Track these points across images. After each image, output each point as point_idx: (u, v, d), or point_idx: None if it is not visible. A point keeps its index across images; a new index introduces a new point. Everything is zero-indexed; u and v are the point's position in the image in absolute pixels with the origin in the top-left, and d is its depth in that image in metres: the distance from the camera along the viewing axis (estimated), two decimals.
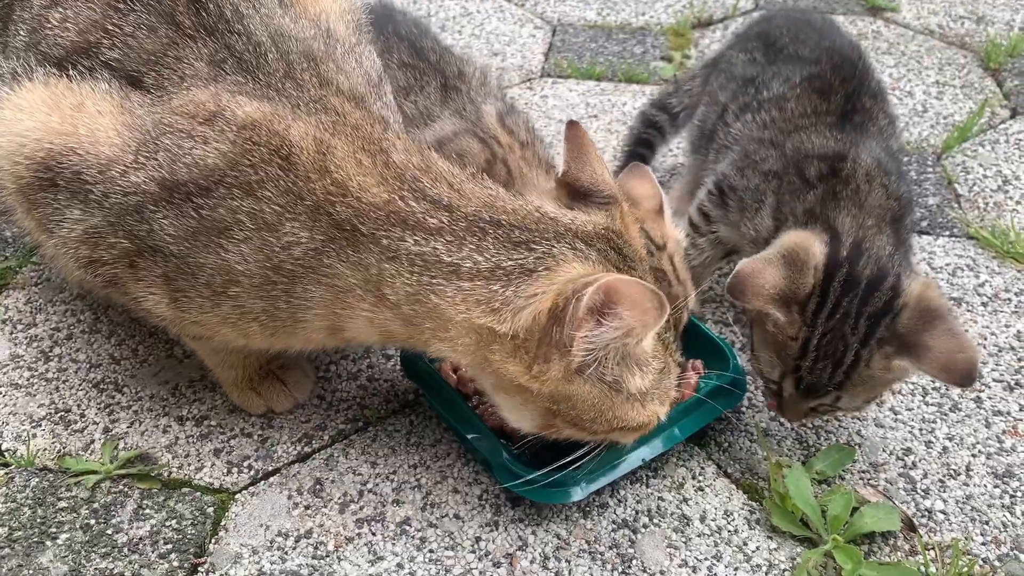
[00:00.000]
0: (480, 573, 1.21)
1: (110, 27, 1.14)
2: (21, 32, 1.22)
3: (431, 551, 1.24)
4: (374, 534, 1.26)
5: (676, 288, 1.35)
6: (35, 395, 1.46)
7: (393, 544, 1.25)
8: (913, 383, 1.47)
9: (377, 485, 1.33)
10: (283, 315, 1.14)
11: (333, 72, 1.18)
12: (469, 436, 1.30)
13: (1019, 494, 1.31)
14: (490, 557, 1.23)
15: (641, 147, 1.88)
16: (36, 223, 1.19)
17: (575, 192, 1.16)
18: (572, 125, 1.20)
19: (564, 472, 1.20)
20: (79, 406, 1.44)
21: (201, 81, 1.11)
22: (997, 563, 1.22)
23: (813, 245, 1.25)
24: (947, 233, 1.79)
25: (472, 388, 1.38)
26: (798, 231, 1.30)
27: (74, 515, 1.28)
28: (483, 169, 1.23)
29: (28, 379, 1.49)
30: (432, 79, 1.59)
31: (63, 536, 1.25)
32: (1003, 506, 1.29)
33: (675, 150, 2.04)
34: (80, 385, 1.48)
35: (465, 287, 1.04)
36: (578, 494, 1.25)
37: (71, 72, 1.14)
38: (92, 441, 1.39)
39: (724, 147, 1.57)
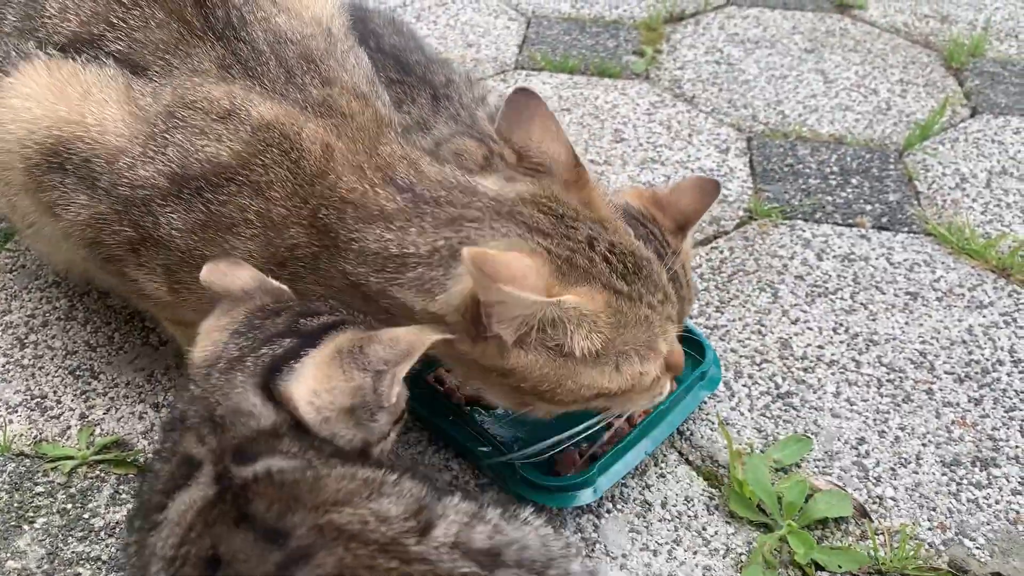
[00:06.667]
0: None
1: (114, 20, 1.14)
2: (9, 16, 1.20)
3: None
4: None
5: (668, 250, 1.38)
6: (11, 382, 1.48)
7: None
8: (868, 375, 1.53)
9: None
10: None
11: (336, 70, 1.18)
12: (480, 449, 1.32)
13: (965, 482, 1.37)
14: None
15: None
16: (41, 206, 1.19)
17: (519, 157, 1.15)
18: (520, 92, 1.16)
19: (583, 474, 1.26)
20: (55, 392, 1.46)
21: (211, 79, 1.12)
22: (942, 547, 1.28)
23: None
24: (906, 229, 1.85)
25: (461, 397, 1.41)
26: None
27: (51, 500, 1.30)
28: (481, 165, 1.23)
29: (3, 366, 1.50)
30: (422, 91, 1.62)
31: (40, 520, 1.28)
32: (949, 493, 1.36)
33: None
34: (56, 372, 1.50)
35: (411, 276, 1.05)
36: (589, 496, 1.27)
37: (76, 57, 1.13)
38: (68, 427, 1.41)
39: None
